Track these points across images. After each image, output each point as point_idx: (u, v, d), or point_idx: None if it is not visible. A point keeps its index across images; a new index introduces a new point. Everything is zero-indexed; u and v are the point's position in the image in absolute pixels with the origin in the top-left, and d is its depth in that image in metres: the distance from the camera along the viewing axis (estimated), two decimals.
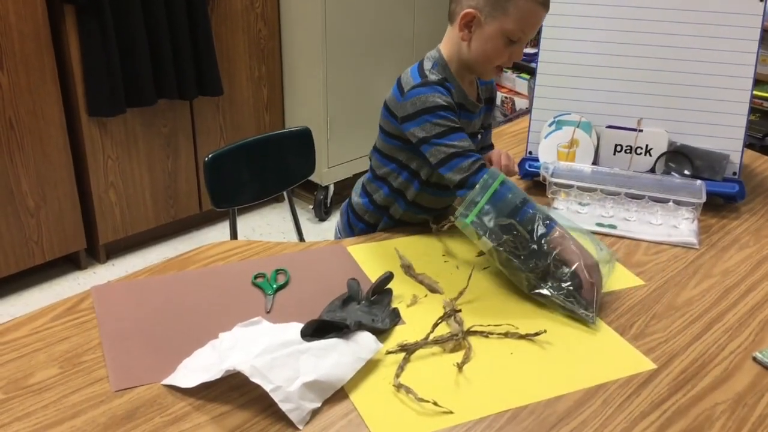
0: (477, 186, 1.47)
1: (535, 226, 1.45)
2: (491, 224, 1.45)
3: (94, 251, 3.08)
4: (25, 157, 2.72)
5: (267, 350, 1.19)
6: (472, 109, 1.63)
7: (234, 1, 3.08)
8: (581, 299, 1.40)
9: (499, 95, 4.05)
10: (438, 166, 1.54)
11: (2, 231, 2.74)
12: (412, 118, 1.54)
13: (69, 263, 3.07)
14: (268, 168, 2.08)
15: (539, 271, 1.42)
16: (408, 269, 1.51)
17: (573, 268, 1.41)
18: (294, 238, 2.18)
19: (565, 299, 1.40)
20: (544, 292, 1.41)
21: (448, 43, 1.60)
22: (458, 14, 1.55)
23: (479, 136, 1.71)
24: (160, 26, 2.81)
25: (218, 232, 3.35)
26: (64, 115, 2.77)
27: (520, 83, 3.96)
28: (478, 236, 1.46)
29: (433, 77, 1.56)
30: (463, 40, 1.56)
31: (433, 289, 1.47)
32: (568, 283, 1.41)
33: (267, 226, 3.39)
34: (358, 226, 1.76)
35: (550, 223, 1.46)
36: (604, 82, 1.90)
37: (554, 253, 1.42)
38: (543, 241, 1.43)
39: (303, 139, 2.12)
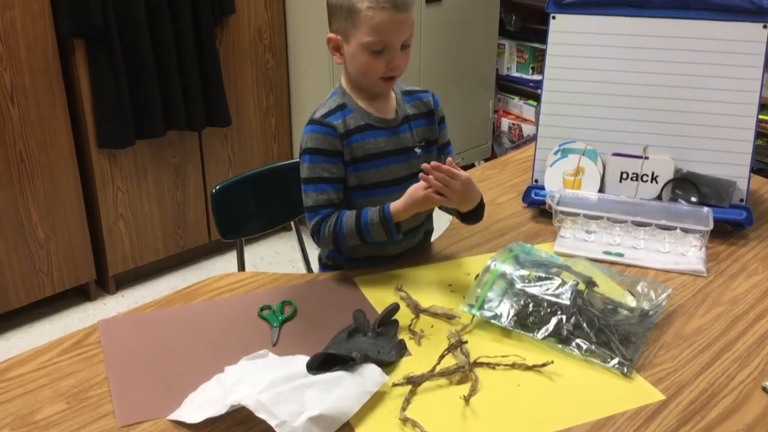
0: (476, 279, 1.50)
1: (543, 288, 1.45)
2: (499, 309, 1.44)
3: (104, 282, 3.09)
4: (36, 189, 2.74)
5: (272, 384, 1.18)
6: (384, 126, 1.62)
7: (242, 33, 3.12)
8: (617, 348, 1.36)
9: (506, 122, 4.06)
10: (305, 211, 1.62)
11: (12, 263, 2.76)
12: (301, 154, 1.62)
13: (78, 294, 3.08)
14: (275, 198, 2.09)
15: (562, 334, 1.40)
16: (416, 308, 1.49)
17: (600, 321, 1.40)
18: (303, 267, 2.19)
19: (598, 348, 1.36)
20: (575, 351, 1.37)
21: (342, 71, 1.64)
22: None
23: (418, 151, 1.65)
24: (169, 59, 2.85)
25: (227, 262, 3.36)
26: (74, 148, 2.80)
27: (527, 110, 3.97)
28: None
29: (325, 109, 1.61)
30: (339, 64, 1.61)
31: (450, 316, 1.46)
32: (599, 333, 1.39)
33: (276, 255, 3.39)
34: (323, 271, 1.77)
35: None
36: (608, 109, 1.91)
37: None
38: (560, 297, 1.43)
39: None
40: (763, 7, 1.78)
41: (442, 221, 1.83)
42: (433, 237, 1.81)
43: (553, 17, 1.91)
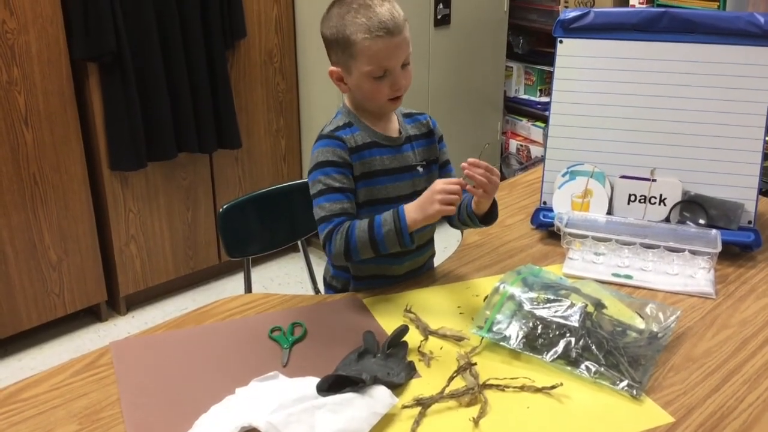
0: (484, 301, 1.52)
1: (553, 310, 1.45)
2: (508, 330, 1.45)
3: (115, 303, 3.11)
4: (48, 211, 2.77)
5: (282, 406, 1.19)
6: (389, 144, 1.65)
7: (252, 56, 3.15)
8: (626, 370, 1.36)
9: (514, 143, 4.08)
10: (317, 224, 1.61)
11: (25, 284, 2.78)
12: (310, 172, 1.62)
13: (90, 315, 3.10)
14: (283, 218, 2.11)
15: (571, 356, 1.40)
16: (425, 330, 1.50)
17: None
18: (311, 288, 2.20)
19: (608, 370, 1.36)
20: (584, 374, 1.37)
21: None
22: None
23: (420, 169, 1.68)
24: (180, 82, 2.88)
25: (237, 283, 3.37)
26: (87, 170, 2.83)
27: (535, 131, 3.99)
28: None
29: (333, 125, 1.63)
30: (344, 93, 1.65)
31: (459, 338, 1.47)
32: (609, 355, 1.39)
33: (285, 276, 3.40)
34: (328, 292, 1.79)
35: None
36: (616, 132, 1.92)
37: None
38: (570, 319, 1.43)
39: None
40: None
41: (446, 242, 1.85)
42: (441, 258, 1.82)
43: (560, 41, 1.93)
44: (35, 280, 2.81)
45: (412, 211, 1.52)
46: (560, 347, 1.40)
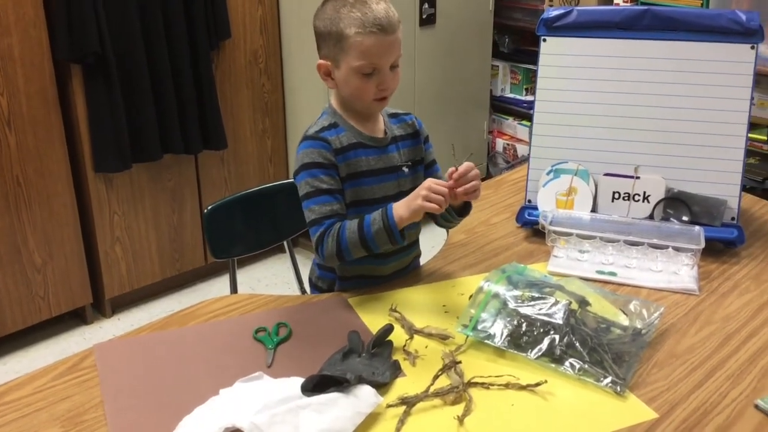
0: (469, 299, 1.51)
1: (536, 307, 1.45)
2: (493, 329, 1.45)
3: (100, 306, 3.10)
4: (32, 214, 2.75)
5: (267, 406, 1.19)
6: (375, 145, 1.65)
7: (238, 57, 3.15)
8: (610, 367, 1.36)
9: (501, 142, 4.09)
10: (308, 227, 1.61)
11: (9, 287, 2.76)
12: (296, 174, 1.62)
13: (75, 318, 3.08)
14: (268, 219, 2.11)
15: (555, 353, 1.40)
16: (410, 329, 1.50)
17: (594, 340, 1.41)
18: (297, 288, 2.19)
19: (591, 367, 1.36)
20: (568, 371, 1.37)
21: (332, 91, 1.67)
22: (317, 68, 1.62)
23: (406, 170, 1.68)
24: (165, 83, 2.87)
25: (224, 284, 3.36)
26: (71, 172, 2.82)
27: (521, 130, 4.00)
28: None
29: (318, 126, 1.63)
30: (331, 88, 1.64)
31: (444, 337, 1.47)
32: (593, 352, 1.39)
33: (272, 277, 3.40)
34: (314, 293, 1.78)
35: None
36: (600, 130, 1.93)
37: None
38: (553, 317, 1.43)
39: None
40: (751, 29, 1.81)
41: (433, 242, 1.85)
42: (426, 258, 1.82)
43: (544, 40, 1.93)
44: (20, 283, 2.79)
45: (399, 208, 1.53)
46: (545, 345, 1.40)
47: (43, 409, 1.29)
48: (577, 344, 1.40)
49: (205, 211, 1.98)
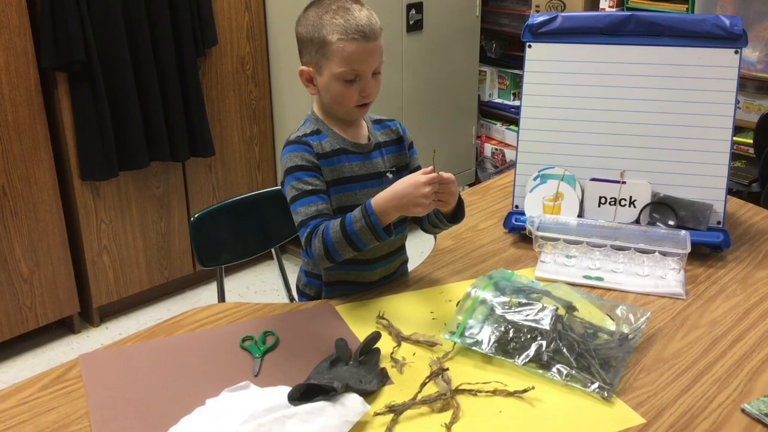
0: (457, 306, 1.51)
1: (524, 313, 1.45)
2: (480, 335, 1.45)
3: (88, 315, 3.08)
4: (19, 223, 2.74)
5: (253, 416, 1.18)
6: (358, 151, 1.65)
7: (225, 64, 3.14)
8: (597, 372, 1.36)
9: (489, 147, 4.10)
10: (297, 231, 1.60)
11: None
12: (283, 180, 1.63)
13: (63, 328, 3.06)
14: (255, 226, 2.10)
15: (543, 359, 1.40)
16: (398, 336, 1.49)
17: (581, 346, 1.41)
18: (286, 296, 2.19)
19: (579, 373, 1.36)
20: (556, 377, 1.37)
21: (314, 98, 1.67)
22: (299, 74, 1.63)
23: (390, 176, 1.68)
24: (151, 90, 2.86)
25: (212, 292, 3.34)
26: (57, 181, 2.80)
27: (509, 135, 4.01)
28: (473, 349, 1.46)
29: (300, 132, 1.64)
30: (312, 95, 1.64)
31: (431, 344, 1.47)
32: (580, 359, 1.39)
33: (261, 284, 3.39)
34: (302, 300, 1.78)
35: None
36: (586, 135, 1.93)
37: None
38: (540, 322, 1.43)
39: None
40: (734, 33, 1.82)
41: (421, 248, 1.85)
42: (414, 264, 1.82)
43: (529, 46, 1.94)
44: (6, 293, 2.77)
45: (385, 199, 1.49)
46: (532, 351, 1.40)
47: (28, 421, 1.28)
48: (565, 350, 1.40)
49: (192, 219, 1.97)
